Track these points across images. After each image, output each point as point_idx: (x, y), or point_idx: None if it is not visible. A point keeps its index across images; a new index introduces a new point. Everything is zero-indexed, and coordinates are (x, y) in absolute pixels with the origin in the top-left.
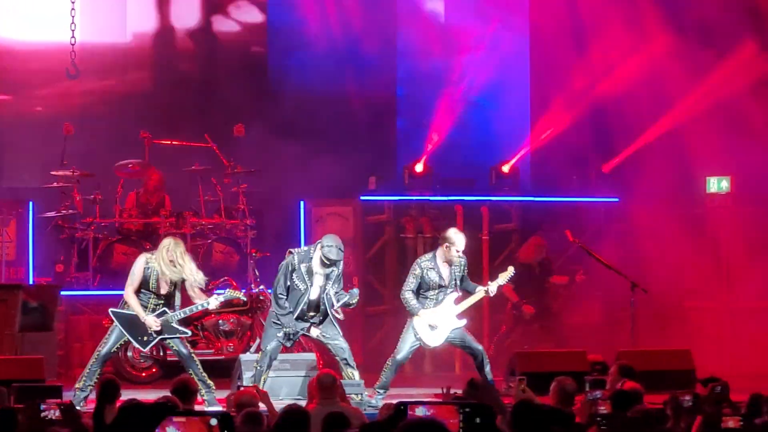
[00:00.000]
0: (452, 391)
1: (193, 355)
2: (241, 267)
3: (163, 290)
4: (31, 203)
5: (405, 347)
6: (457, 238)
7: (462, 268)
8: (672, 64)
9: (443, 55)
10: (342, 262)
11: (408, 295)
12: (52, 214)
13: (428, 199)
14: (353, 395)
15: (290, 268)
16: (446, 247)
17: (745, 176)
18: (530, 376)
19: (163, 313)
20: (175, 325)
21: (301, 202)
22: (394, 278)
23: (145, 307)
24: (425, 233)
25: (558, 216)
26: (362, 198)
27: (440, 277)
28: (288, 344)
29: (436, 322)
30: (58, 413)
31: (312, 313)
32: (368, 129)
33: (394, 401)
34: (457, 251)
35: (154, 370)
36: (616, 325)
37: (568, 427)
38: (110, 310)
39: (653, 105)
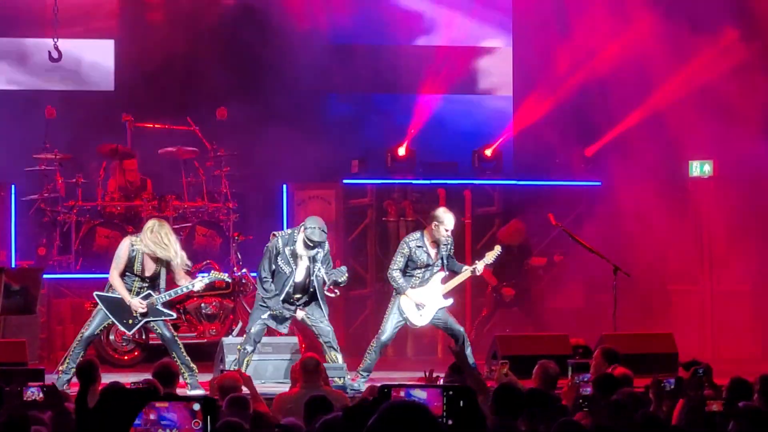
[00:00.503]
0: (435, 375)
1: (176, 338)
2: (224, 250)
3: (148, 273)
4: (13, 186)
5: (389, 327)
6: (446, 217)
7: (449, 247)
8: (655, 48)
9: (426, 40)
10: (327, 243)
11: (396, 274)
12: (34, 197)
13: (411, 183)
14: (335, 378)
15: (274, 252)
16: (435, 225)
17: (728, 160)
18: (513, 360)
19: (149, 295)
20: (160, 307)
21: (284, 186)
22: (376, 262)
23: (129, 290)
24: (407, 217)
25: (541, 200)
26: (345, 181)
27: (428, 255)
28: (281, 328)
29: (423, 301)
30: (41, 395)
31: (299, 296)
32: (351, 112)
33: (377, 384)
34: (446, 230)
35: (135, 353)
36: (598, 308)
37: (548, 408)
38: (95, 293)
39: (636, 89)
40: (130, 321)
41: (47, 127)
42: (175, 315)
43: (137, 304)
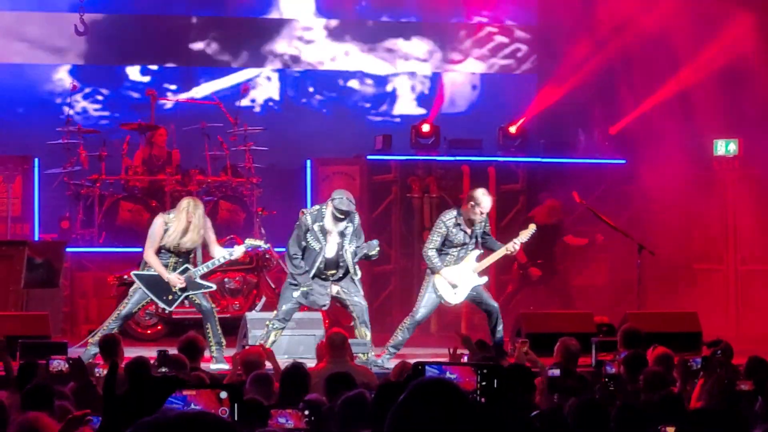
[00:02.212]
0: (459, 352)
1: (214, 310)
2: (247, 225)
3: (183, 248)
4: (36, 160)
5: (424, 306)
6: (484, 199)
7: (484, 224)
8: (681, 25)
9: (451, 16)
10: (357, 216)
11: (431, 253)
12: (57, 170)
13: (435, 159)
14: (360, 354)
15: (304, 229)
16: (471, 206)
17: (753, 139)
18: (536, 337)
19: (186, 269)
20: (198, 280)
21: (308, 161)
22: (399, 238)
23: (166, 266)
24: (431, 193)
25: (565, 177)
26: (369, 157)
27: (464, 234)
28: (321, 301)
29: (458, 280)
30: (66, 366)
31: (332, 271)
32: (375, 88)
33: (407, 361)
34: (481, 213)
35: (159, 327)
36: (622, 287)
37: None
38: (132, 273)
39: (662, 66)
40: (170, 297)
41: (71, 101)
42: (214, 286)
43: (176, 279)
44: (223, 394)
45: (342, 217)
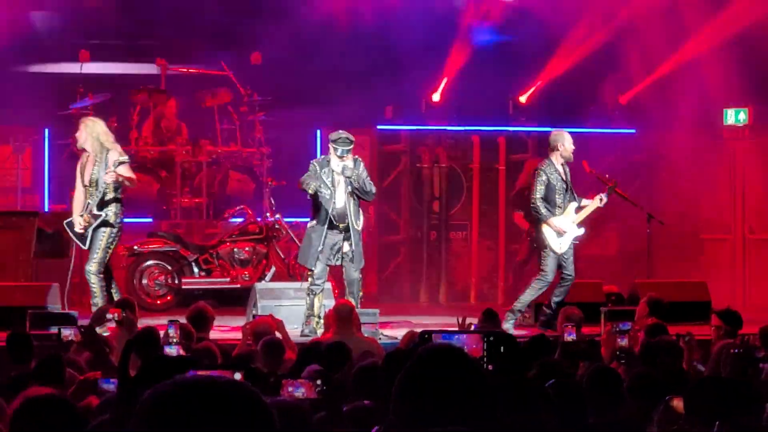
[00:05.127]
0: (467, 321)
1: None
2: (257, 195)
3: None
4: (46, 130)
5: (551, 264)
6: (563, 135)
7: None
8: None
9: None
10: (362, 164)
11: (539, 203)
12: (67, 141)
13: (445, 129)
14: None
15: (314, 174)
16: (560, 146)
17: (763, 108)
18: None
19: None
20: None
21: (318, 131)
22: (409, 207)
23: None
24: (441, 163)
25: (575, 147)
26: (379, 127)
27: (562, 180)
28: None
29: (564, 227)
30: (77, 334)
31: (342, 225)
32: (385, 58)
33: (414, 330)
34: (571, 145)
35: (168, 297)
36: (632, 256)
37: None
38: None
39: (671, 35)
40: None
41: (81, 71)
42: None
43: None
44: (237, 376)
45: (345, 148)
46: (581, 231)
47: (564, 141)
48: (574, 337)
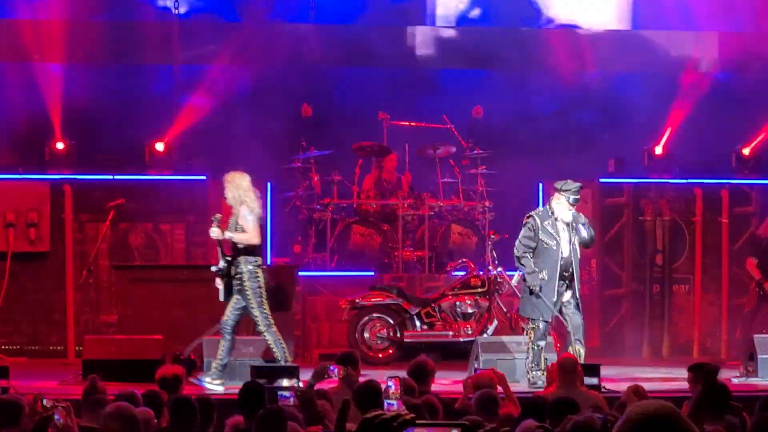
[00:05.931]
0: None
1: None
2: (479, 249)
3: None
4: (269, 184)
5: None
6: None
7: None
8: None
9: (682, 26)
10: (582, 215)
11: None
12: (290, 194)
13: (668, 182)
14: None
15: (535, 229)
16: None
17: None
18: None
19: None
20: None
21: (540, 184)
22: (632, 261)
23: None
24: (664, 216)
25: None
26: (601, 180)
27: None
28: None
29: None
30: (293, 399)
31: (567, 273)
32: (607, 111)
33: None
34: None
35: (390, 351)
36: None
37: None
38: None
39: None
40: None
41: (304, 125)
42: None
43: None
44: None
45: (576, 197)
46: None
47: None
48: None
